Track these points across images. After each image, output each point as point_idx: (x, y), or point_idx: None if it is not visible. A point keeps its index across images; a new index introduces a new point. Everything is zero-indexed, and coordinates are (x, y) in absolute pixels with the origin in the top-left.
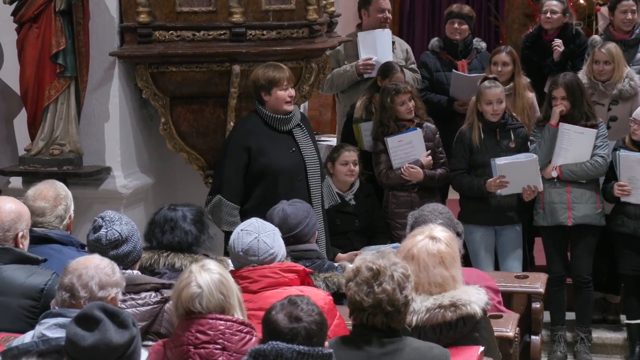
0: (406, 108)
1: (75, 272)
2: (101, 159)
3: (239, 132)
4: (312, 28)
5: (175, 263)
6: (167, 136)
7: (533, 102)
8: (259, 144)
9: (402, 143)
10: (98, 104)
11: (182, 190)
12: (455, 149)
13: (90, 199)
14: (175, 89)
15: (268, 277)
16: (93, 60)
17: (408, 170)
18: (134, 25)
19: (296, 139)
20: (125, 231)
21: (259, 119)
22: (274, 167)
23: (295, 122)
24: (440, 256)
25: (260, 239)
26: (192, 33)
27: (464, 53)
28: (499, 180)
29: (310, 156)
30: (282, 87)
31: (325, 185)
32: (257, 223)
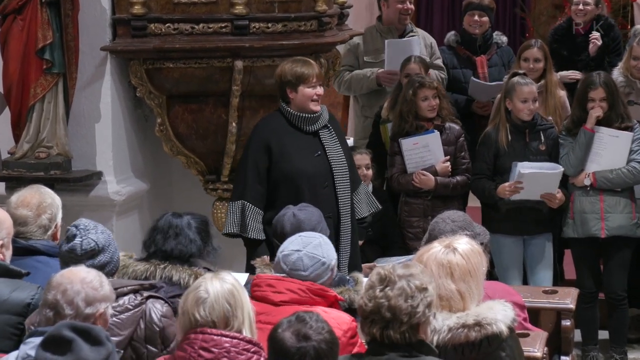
0: (428, 105)
1: (59, 288)
2: (92, 162)
3: (259, 132)
4: (321, 20)
5: (173, 276)
6: (163, 138)
7: (565, 101)
8: (281, 146)
9: (418, 146)
10: (88, 103)
11: (180, 197)
12: (479, 152)
13: (79, 207)
14: (173, 87)
15: (294, 292)
16: (83, 55)
17: (419, 176)
18: (127, 17)
19: (323, 141)
20: (102, 240)
21: (283, 119)
22: (296, 171)
23: (323, 122)
24: (449, 267)
25: (302, 255)
26: (190, 26)
27: (483, 48)
28: (514, 186)
29: (338, 160)
30: (309, 84)
31: (362, 192)
32: (317, 241)
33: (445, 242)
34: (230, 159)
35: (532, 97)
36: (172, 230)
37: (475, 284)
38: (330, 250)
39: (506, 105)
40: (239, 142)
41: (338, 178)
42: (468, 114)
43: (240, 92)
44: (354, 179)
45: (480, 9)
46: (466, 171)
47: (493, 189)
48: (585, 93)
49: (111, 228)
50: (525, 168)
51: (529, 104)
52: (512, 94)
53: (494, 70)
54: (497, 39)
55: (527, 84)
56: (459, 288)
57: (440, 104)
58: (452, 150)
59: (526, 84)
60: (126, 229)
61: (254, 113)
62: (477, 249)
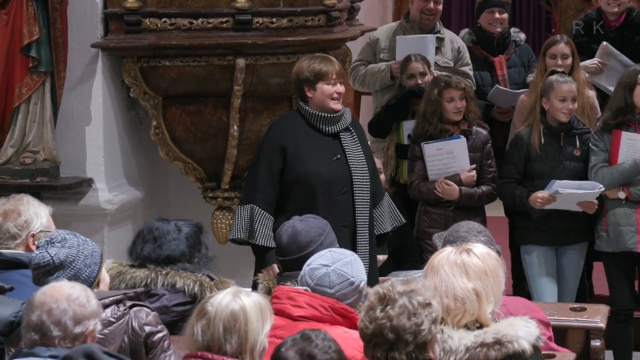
0: (454, 106)
1: (43, 307)
2: (81, 169)
3: (274, 131)
4: (330, 15)
5: (177, 282)
6: (159, 142)
7: (594, 102)
8: (297, 146)
9: (442, 152)
10: (78, 104)
11: (177, 206)
12: (509, 155)
13: (68, 217)
14: (169, 87)
15: (314, 308)
16: (72, 52)
17: (441, 185)
18: (120, 11)
19: (343, 144)
20: (62, 256)
21: (301, 118)
22: (311, 175)
23: (344, 124)
24: (462, 265)
25: (331, 272)
26: (188, 21)
27: (502, 47)
28: (547, 199)
29: (359, 166)
30: (329, 81)
31: (386, 204)
32: (348, 259)
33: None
34: (231, 165)
35: (571, 96)
36: (151, 234)
37: (492, 285)
38: (360, 270)
39: (542, 105)
40: (240, 146)
41: (357, 185)
42: (487, 119)
43: (242, 93)
44: (377, 191)
45: (500, 5)
46: (492, 181)
47: (525, 196)
48: (634, 82)
49: (102, 239)
50: (562, 187)
51: (568, 103)
52: (550, 93)
53: (514, 71)
54: (515, 37)
55: (567, 82)
56: (474, 286)
57: (468, 106)
58: (478, 157)
59: (565, 82)
60: (119, 240)
61: (257, 115)
62: (494, 254)
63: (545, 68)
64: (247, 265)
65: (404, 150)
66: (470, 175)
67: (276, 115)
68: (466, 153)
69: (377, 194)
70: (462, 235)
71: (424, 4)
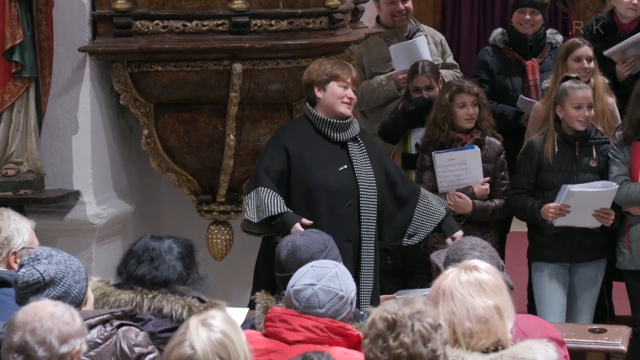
0: (465, 113)
1: (26, 327)
2: (68, 181)
3: (278, 133)
4: (332, 17)
5: (164, 307)
6: (150, 152)
7: (614, 109)
8: (301, 151)
9: (454, 162)
10: (64, 112)
11: (170, 220)
12: (521, 164)
13: (53, 232)
14: (161, 94)
15: (310, 331)
16: (58, 57)
17: (453, 198)
18: (109, 13)
19: (350, 154)
20: (52, 272)
21: (308, 124)
22: (315, 184)
23: (352, 133)
24: (478, 284)
25: (317, 290)
26: (182, 23)
27: (535, 50)
28: (559, 208)
29: (366, 178)
30: (342, 83)
31: (425, 195)
32: (332, 271)
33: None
34: (227, 176)
35: (587, 102)
36: (148, 254)
37: (507, 299)
38: (348, 281)
39: (556, 113)
40: (237, 157)
41: (364, 197)
42: (517, 128)
43: (239, 100)
44: (410, 189)
45: (533, 5)
46: (505, 194)
47: (537, 208)
48: None
49: (90, 256)
50: (575, 187)
51: (584, 110)
52: (564, 100)
53: (547, 75)
54: (550, 39)
55: (582, 88)
56: (495, 303)
57: (480, 113)
58: (492, 168)
59: (580, 88)
60: (107, 257)
61: (255, 124)
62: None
63: (565, 73)
64: (243, 285)
65: (411, 160)
66: (483, 188)
67: (275, 123)
68: (480, 164)
69: (412, 192)
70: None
71: (393, 7)
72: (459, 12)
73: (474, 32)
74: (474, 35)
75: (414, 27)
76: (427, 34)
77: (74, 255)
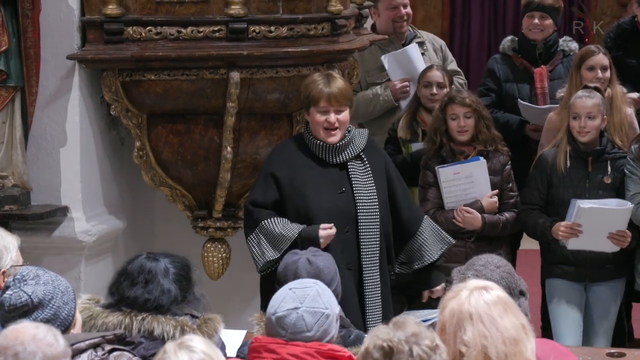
0: (457, 125)
1: (7, 352)
2: (55, 195)
3: (270, 158)
4: (335, 23)
5: (155, 329)
6: (143, 166)
7: (633, 120)
8: (294, 176)
9: (459, 176)
10: (52, 123)
11: (164, 237)
12: (532, 178)
13: (40, 250)
14: (155, 104)
15: (301, 358)
16: (45, 65)
17: (462, 214)
18: (99, 19)
19: (351, 175)
20: (40, 293)
21: (304, 145)
22: (310, 210)
23: (353, 152)
24: (502, 303)
25: (301, 313)
26: (176, 29)
27: (545, 57)
28: (570, 227)
29: (367, 200)
30: (318, 108)
31: (427, 229)
32: (312, 290)
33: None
34: (224, 191)
35: (585, 112)
36: (143, 276)
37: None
38: (330, 297)
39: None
40: (235, 170)
41: (363, 222)
42: (522, 138)
43: (236, 110)
44: (411, 218)
45: (542, 9)
46: (514, 206)
47: (548, 226)
48: None
49: (79, 275)
50: (585, 202)
51: (580, 121)
52: (569, 110)
53: (557, 84)
54: (563, 46)
55: (582, 97)
56: (521, 321)
57: (477, 126)
58: (498, 181)
59: (581, 97)
60: (97, 276)
61: (253, 135)
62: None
63: (580, 82)
64: (241, 305)
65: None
66: (492, 201)
67: (274, 135)
68: (486, 176)
69: (412, 219)
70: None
71: (394, 13)
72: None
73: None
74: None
75: (411, 33)
76: (425, 40)
77: (62, 274)
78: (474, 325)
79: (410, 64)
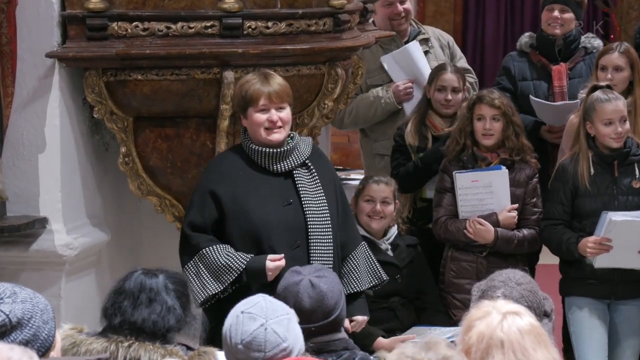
0: (482, 127)
1: None
2: (33, 206)
3: (207, 173)
4: (337, 18)
5: (142, 357)
6: (129, 173)
7: None
8: (235, 191)
9: (478, 184)
10: (30, 126)
11: (151, 251)
12: (554, 190)
13: (16, 265)
14: (142, 106)
15: None
16: (22, 63)
17: (473, 225)
18: (81, 13)
19: (297, 184)
20: (19, 312)
21: (244, 155)
22: (254, 226)
23: (299, 159)
24: (536, 332)
25: (269, 327)
26: (165, 25)
27: (566, 54)
28: (599, 243)
29: (316, 211)
30: (257, 107)
31: (361, 255)
32: (265, 302)
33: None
34: None
35: (618, 116)
36: (145, 294)
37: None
38: (278, 302)
39: (587, 130)
40: None
41: (315, 235)
42: (538, 141)
43: (230, 113)
44: (347, 240)
45: (562, 1)
46: (536, 224)
47: (574, 243)
48: None
49: (59, 293)
50: (617, 215)
51: (616, 126)
52: (592, 115)
53: (577, 83)
54: (585, 43)
55: (610, 99)
56: (553, 356)
57: (505, 131)
58: (521, 193)
59: (608, 100)
60: (79, 293)
61: None
62: None
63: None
64: None
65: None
66: (510, 216)
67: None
68: (507, 188)
69: (347, 242)
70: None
71: (390, 10)
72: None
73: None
74: (500, 38)
75: (414, 29)
76: (430, 37)
77: (40, 292)
78: (504, 354)
79: (412, 64)
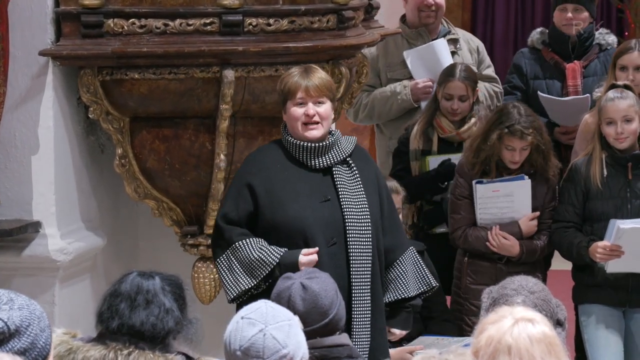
0: (512, 157)
1: None
2: (26, 209)
3: (245, 166)
4: (341, 15)
5: None
6: (125, 176)
7: None
8: (272, 184)
9: (498, 194)
10: (22, 127)
11: (148, 256)
12: (564, 192)
13: (8, 271)
14: (139, 106)
15: None
16: (15, 62)
17: (497, 239)
18: (76, 10)
19: (336, 181)
20: (17, 319)
21: (283, 149)
22: (290, 221)
23: (339, 155)
24: (547, 342)
25: (268, 333)
26: (163, 22)
27: (580, 51)
28: (610, 249)
29: (355, 209)
30: (295, 100)
31: (409, 261)
32: (266, 308)
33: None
34: (217, 203)
35: (620, 116)
36: (142, 296)
37: None
38: (281, 307)
39: (601, 130)
40: (228, 180)
41: (353, 233)
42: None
43: (230, 113)
44: (395, 244)
45: (576, 1)
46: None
47: (584, 247)
48: None
49: (52, 299)
50: (626, 223)
51: (617, 126)
52: (600, 115)
53: (592, 81)
54: (599, 40)
55: (614, 99)
56: None
57: (532, 154)
58: (540, 202)
59: (612, 100)
60: (74, 300)
61: (250, 141)
62: None
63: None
64: None
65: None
66: (532, 224)
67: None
68: (529, 197)
69: (394, 248)
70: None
71: (421, 0)
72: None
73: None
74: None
75: (444, 29)
76: (459, 38)
77: (33, 298)
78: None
79: (436, 62)
